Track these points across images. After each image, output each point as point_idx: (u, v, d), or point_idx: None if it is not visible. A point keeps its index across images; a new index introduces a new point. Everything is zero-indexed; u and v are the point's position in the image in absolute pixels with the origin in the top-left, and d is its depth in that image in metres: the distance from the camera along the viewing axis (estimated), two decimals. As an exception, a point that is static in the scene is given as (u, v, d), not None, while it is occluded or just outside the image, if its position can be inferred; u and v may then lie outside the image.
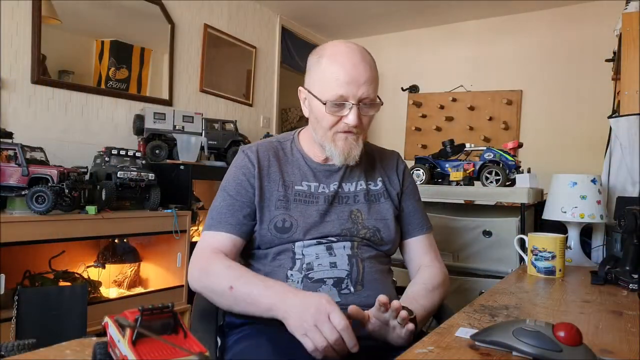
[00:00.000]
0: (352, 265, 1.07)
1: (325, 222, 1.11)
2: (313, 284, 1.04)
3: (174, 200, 2.50)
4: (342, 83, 1.04)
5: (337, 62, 1.05)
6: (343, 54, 1.06)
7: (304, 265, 1.07)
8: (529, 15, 3.89)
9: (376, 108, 1.10)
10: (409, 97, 4.38)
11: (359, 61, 1.06)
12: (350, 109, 1.05)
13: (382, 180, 1.22)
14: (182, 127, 2.77)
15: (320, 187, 1.15)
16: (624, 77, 1.77)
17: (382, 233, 1.15)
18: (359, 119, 1.06)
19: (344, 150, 1.09)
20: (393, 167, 1.27)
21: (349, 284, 1.06)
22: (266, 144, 1.20)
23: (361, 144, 1.12)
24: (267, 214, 1.11)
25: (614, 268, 1.24)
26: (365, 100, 1.06)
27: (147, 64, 3.01)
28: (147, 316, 0.53)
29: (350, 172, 1.19)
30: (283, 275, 1.07)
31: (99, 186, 2.17)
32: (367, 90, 1.05)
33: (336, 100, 1.05)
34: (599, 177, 1.61)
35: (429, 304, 1.07)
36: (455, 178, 2.01)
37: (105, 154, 2.33)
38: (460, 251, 2.00)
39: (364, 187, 1.18)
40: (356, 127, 1.07)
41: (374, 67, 1.09)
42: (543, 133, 3.77)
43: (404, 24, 4.29)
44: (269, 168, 1.15)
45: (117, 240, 2.46)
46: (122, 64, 2.84)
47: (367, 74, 1.06)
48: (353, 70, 1.04)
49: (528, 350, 0.66)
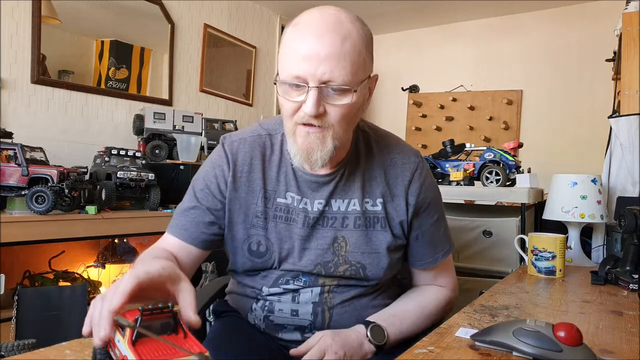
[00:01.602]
0: (315, 315, 0.92)
1: (304, 251, 0.92)
2: (274, 326, 0.94)
3: (174, 200, 2.49)
4: (299, 58, 0.78)
5: (299, 32, 0.80)
6: (310, 22, 0.80)
7: (266, 304, 0.94)
8: (529, 15, 3.89)
9: (350, 96, 0.80)
10: (409, 97, 4.38)
11: (326, 31, 0.78)
12: (307, 93, 0.79)
13: (384, 199, 0.95)
14: (182, 127, 2.76)
15: (302, 203, 0.93)
16: (624, 77, 1.77)
17: (367, 270, 0.93)
18: (317, 106, 0.79)
19: (303, 148, 0.85)
20: (404, 183, 0.96)
21: (313, 330, 0.93)
22: (252, 140, 0.96)
23: (330, 145, 0.84)
24: (240, 232, 0.93)
25: (614, 268, 1.23)
26: (330, 82, 0.78)
27: (147, 63, 3.01)
28: (147, 316, 0.53)
29: (344, 184, 0.94)
30: (248, 306, 0.97)
31: (99, 186, 2.17)
32: (332, 68, 0.77)
33: (290, 81, 0.80)
34: (599, 177, 1.61)
35: (411, 331, 0.94)
36: (455, 178, 2.00)
37: (105, 154, 2.33)
38: (460, 251, 2.00)
39: (358, 208, 0.93)
40: (317, 118, 0.81)
41: (354, 40, 0.79)
42: (543, 133, 3.76)
43: (404, 24, 4.29)
44: (249, 174, 0.93)
45: (117, 240, 2.46)
46: (122, 64, 2.84)
47: (333, 47, 0.77)
48: (314, 41, 0.77)
49: (528, 350, 0.66)
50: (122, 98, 2.83)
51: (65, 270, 2.17)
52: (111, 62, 2.79)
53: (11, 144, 1.92)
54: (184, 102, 3.24)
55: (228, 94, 3.60)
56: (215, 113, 3.45)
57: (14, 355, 0.72)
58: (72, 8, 2.60)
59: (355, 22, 0.82)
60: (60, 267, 2.14)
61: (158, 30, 3.08)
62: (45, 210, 1.83)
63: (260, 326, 0.96)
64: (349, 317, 0.93)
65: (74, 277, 2.20)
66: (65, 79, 2.57)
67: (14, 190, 1.88)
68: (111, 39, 2.80)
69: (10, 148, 1.90)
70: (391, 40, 4.51)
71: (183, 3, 3.21)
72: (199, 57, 3.34)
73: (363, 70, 0.83)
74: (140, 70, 2.96)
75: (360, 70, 0.82)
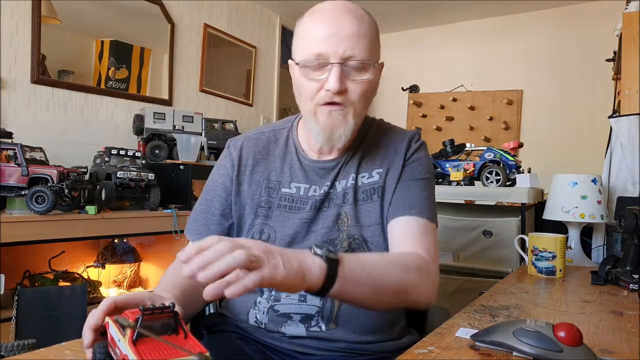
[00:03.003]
0: (325, 301, 0.89)
1: (310, 233, 0.92)
2: (278, 318, 0.90)
3: (174, 200, 2.50)
4: (321, 39, 0.83)
5: (317, 18, 0.86)
6: (326, 9, 0.86)
7: (272, 294, 0.92)
8: (529, 15, 3.89)
9: (370, 72, 0.85)
10: (409, 97, 4.38)
11: (344, 14, 0.84)
12: (330, 71, 0.83)
13: (382, 171, 0.95)
14: (182, 127, 2.77)
15: (311, 190, 0.95)
16: (624, 77, 1.77)
17: (369, 244, 0.91)
18: (341, 82, 0.82)
19: (326, 126, 0.87)
20: (402, 151, 0.97)
21: (319, 321, 0.89)
22: (255, 137, 1.01)
23: (351, 122, 0.87)
24: (246, 222, 0.96)
25: (615, 268, 1.23)
26: (351, 59, 0.83)
27: (147, 63, 3.01)
28: (148, 316, 0.53)
29: (346, 165, 0.96)
30: (251, 301, 0.93)
31: (99, 186, 2.17)
32: (353, 45, 0.82)
33: (312, 61, 0.84)
34: (599, 177, 1.61)
35: (375, 269, 0.76)
36: (455, 178, 2.00)
37: (105, 154, 2.33)
38: (460, 251, 2.00)
39: (358, 183, 0.95)
40: (339, 94, 0.84)
41: (369, 23, 0.87)
42: (543, 133, 3.76)
43: (405, 23, 4.29)
44: (253, 167, 0.98)
45: (117, 240, 2.46)
46: (121, 64, 2.84)
47: (352, 27, 0.83)
48: (334, 22, 0.83)
49: (528, 350, 0.66)
50: (122, 98, 2.83)
51: (65, 270, 2.17)
52: (111, 62, 2.79)
53: (11, 144, 1.92)
54: (184, 102, 3.24)
55: (228, 94, 3.60)
56: (215, 113, 3.45)
57: (14, 355, 0.72)
58: (72, 8, 2.60)
59: (365, 12, 0.89)
60: (60, 267, 2.14)
61: (158, 30, 3.08)
62: (45, 210, 1.83)
63: (262, 322, 0.91)
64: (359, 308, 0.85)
65: (74, 277, 2.20)
66: (65, 79, 2.57)
67: (14, 190, 1.88)
68: (111, 39, 2.80)
69: (10, 148, 1.90)
70: (391, 39, 4.51)
71: (183, 3, 3.21)
72: (199, 57, 3.34)
73: (377, 52, 0.89)
74: (140, 70, 2.96)
75: (376, 50, 0.88)
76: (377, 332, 0.92)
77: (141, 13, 2.96)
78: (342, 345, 0.89)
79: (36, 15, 2.38)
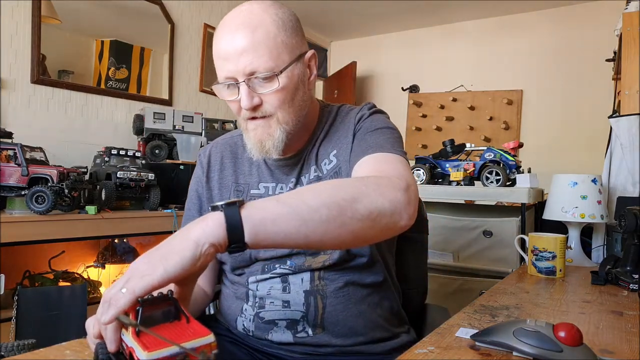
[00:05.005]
0: (308, 305, 0.87)
1: None
2: (264, 325, 0.89)
3: (174, 200, 2.49)
4: (222, 60, 0.82)
5: (218, 35, 0.83)
6: (223, 23, 0.83)
7: (257, 301, 0.91)
8: (529, 15, 3.89)
9: (280, 78, 0.82)
10: (409, 97, 4.38)
11: (236, 27, 0.80)
12: (239, 89, 0.83)
13: (337, 151, 0.93)
14: (182, 127, 2.77)
15: (278, 188, 0.95)
16: (624, 77, 1.77)
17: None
18: (250, 99, 0.82)
19: (256, 140, 0.87)
20: (352, 124, 0.94)
21: (305, 326, 0.87)
22: (223, 142, 1.03)
23: (278, 131, 0.86)
24: None
25: (615, 268, 1.23)
26: (254, 73, 0.80)
27: (147, 63, 3.01)
28: (148, 306, 0.54)
29: (308, 158, 0.95)
30: (238, 309, 0.94)
31: (99, 186, 2.17)
32: (251, 60, 0.79)
33: (224, 83, 0.84)
34: (599, 177, 1.61)
35: (300, 198, 0.66)
36: (455, 178, 2.00)
37: (105, 154, 2.33)
38: (460, 251, 2.00)
39: (319, 174, 0.93)
40: (255, 109, 0.84)
41: (266, 27, 0.80)
42: (543, 133, 3.77)
43: (404, 24, 4.29)
44: (221, 172, 0.99)
45: (117, 240, 2.46)
46: (121, 64, 2.84)
47: (246, 40, 0.79)
48: (229, 40, 0.80)
49: (528, 350, 0.66)
50: (122, 98, 2.83)
51: (65, 270, 2.18)
52: (111, 62, 2.79)
53: (11, 144, 1.92)
54: (184, 102, 3.24)
55: (228, 94, 3.59)
56: (215, 113, 3.45)
57: (14, 355, 0.72)
58: (72, 8, 2.60)
59: (268, 9, 0.83)
60: (60, 267, 2.14)
61: (158, 30, 3.08)
62: (45, 210, 1.83)
63: (249, 329, 0.91)
64: (344, 308, 0.88)
65: (74, 277, 2.20)
66: (65, 78, 2.57)
67: (14, 190, 1.88)
68: (111, 39, 2.80)
69: (10, 148, 1.90)
70: (391, 40, 4.51)
71: (183, 3, 3.21)
72: (199, 57, 3.34)
73: (287, 52, 0.83)
74: (140, 70, 2.96)
75: (283, 53, 0.82)
76: (368, 333, 0.90)
77: (141, 13, 2.96)
78: (331, 350, 0.88)
79: (36, 15, 2.38)
